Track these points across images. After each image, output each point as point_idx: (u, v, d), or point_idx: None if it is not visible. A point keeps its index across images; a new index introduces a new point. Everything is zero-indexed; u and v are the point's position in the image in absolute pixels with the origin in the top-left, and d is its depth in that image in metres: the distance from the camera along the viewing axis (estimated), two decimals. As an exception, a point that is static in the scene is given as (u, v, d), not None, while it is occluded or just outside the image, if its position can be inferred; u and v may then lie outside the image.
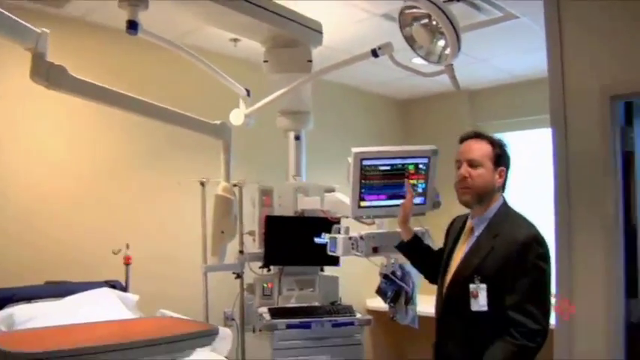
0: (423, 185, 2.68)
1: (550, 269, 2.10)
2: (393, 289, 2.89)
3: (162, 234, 3.85)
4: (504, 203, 2.23)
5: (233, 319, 3.51)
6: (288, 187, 3.51)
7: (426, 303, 4.86)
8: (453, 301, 2.20)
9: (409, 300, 2.93)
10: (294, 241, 3.35)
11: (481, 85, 5.24)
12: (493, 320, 2.06)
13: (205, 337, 2.30)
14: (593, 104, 2.85)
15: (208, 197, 3.31)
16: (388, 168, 2.64)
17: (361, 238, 2.72)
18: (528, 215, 2.22)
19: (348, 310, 3.25)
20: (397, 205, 2.60)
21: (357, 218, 2.76)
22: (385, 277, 2.93)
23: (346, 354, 3.12)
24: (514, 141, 2.67)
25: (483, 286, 2.07)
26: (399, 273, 2.92)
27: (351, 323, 3.16)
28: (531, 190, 4.32)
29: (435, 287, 2.35)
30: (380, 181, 2.65)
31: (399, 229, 2.63)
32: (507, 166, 2.24)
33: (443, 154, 2.41)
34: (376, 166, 2.63)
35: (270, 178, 3.69)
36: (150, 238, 3.75)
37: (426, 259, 2.53)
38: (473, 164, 2.19)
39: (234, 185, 3.42)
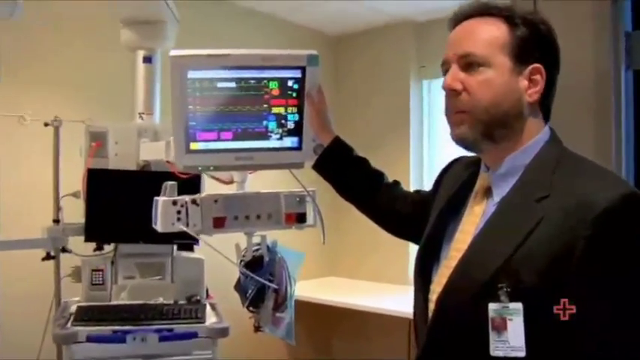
0: (295, 117, 1.61)
1: None
2: (255, 285, 1.86)
3: None
4: (553, 139, 1.17)
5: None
6: (129, 129, 2.41)
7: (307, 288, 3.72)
8: (449, 329, 1.12)
9: (281, 302, 1.89)
10: (132, 206, 2.26)
11: (430, 16, 4.16)
12: None
13: None
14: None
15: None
16: (233, 85, 1.57)
17: (194, 202, 1.66)
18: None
19: (196, 313, 2.16)
20: (252, 150, 1.58)
21: (189, 169, 1.69)
22: (246, 266, 1.89)
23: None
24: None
25: (518, 306, 1.02)
26: (266, 259, 1.89)
27: (193, 335, 2.07)
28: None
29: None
30: (221, 108, 1.58)
31: (265, 191, 1.66)
32: (552, 64, 1.17)
33: (381, 100, 1.53)
34: (213, 81, 1.57)
35: (111, 117, 2.59)
36: None
37: (365, 182, 1.61)
38: (470, 64, 1.15)
39: (46, 124, 2.33)
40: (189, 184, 2.15)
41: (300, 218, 1.69)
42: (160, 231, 1.68)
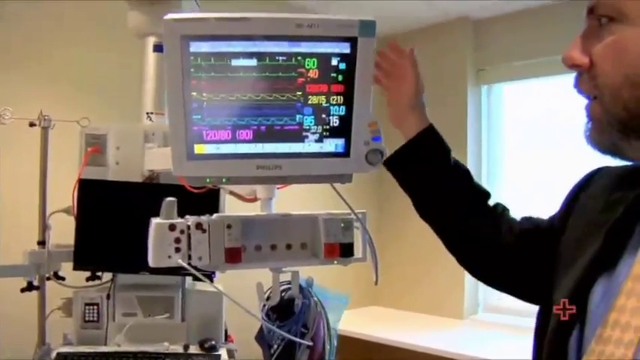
0: (341, 110, 1.16)
1: None
2: (282, 338, 1.39)
3: None
4: None
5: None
6: (134, 132, 1.98)
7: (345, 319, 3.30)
8: None
9: (318, 361, 1.42)
10: (133, 227, 1.83)
11: (490, 12, 3.66)
12: None
13: None
14: None
15: None
16: (254, 63, 1.12)
17: (199, 227, 1.21)
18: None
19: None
20: (281, 155, 1.14)
21: (193, 181, 1.23)
22: (271, 312, 1.43)
23: None
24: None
25: None
26: (298, 302, 1.43)
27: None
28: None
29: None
30: (237, 96, 1.14)
31: (296, 212, 1.24)
32: None
33: (433, 109, 1.21)
34: (225, 57, 1.11)
35: (114, 118, 2.17)
36: None
37: (465, 197, 1.15)
38: (599, 22, 0.68)
39: (31, 125, 1.92)
40: (206, 200, 1.72)
41: (346, 251, 1.23)
42: (151, 265, 1.23)
